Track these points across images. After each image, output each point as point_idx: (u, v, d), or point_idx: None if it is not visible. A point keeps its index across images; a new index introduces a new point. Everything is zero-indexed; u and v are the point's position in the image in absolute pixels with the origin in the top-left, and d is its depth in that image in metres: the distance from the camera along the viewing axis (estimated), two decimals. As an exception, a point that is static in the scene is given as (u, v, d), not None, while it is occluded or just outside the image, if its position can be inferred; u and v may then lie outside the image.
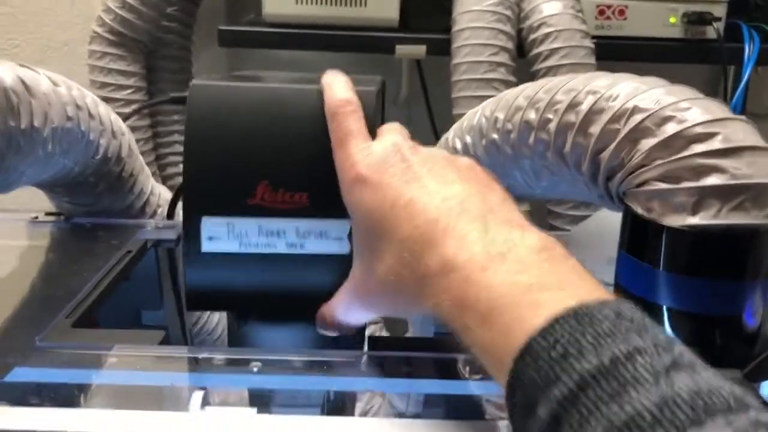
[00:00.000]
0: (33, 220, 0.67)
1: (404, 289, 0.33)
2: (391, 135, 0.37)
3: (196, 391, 0.37)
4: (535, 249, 0.29)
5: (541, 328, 0.26)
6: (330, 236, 0.37)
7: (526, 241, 0.30)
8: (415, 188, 0.33)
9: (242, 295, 0.38)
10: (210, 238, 0.37)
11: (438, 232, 0.31)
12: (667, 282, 0.43)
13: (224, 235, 0.37)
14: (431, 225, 0.32)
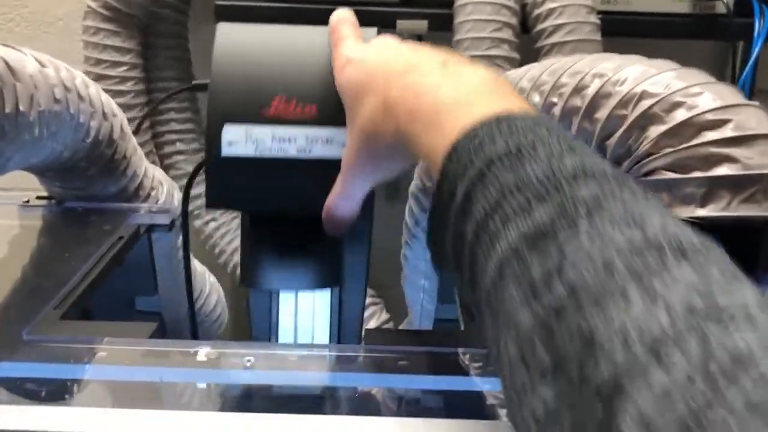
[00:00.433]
0: (24, 204, 0.65)
1: (379, 130, 0.36)
2: (383, 37, 0.42)
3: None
4: (485, 78, 0.33)
5: (467, 130, 0.29)
6: (335, 143, 0.41)
7: (478, 73, 0.34)
8: (390, 53, 0.38)
9: (255, 195, 0.43)
10: (229, 144, 0.41)
11: (404, 72, 0.36)
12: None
13: (242, 141, 0.41)
14: (400, 71, 0.36)
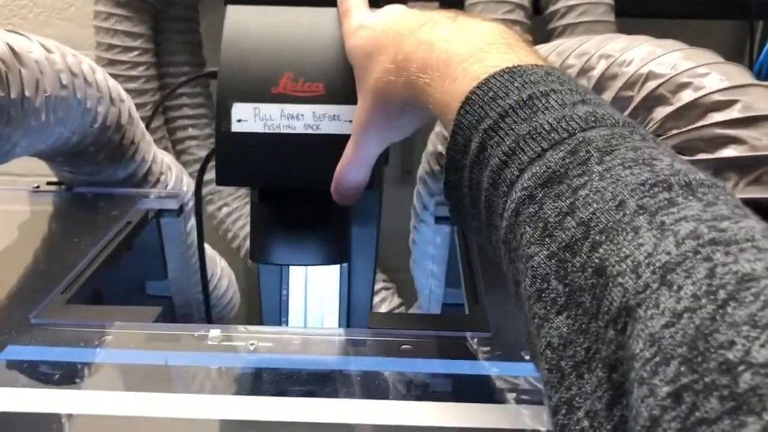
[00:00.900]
0: (34, 189, 0.66)
1: (391, 87, 0.36)
2: (392, 5, 0.42)
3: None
4: (497, 30, 0.33)
5: (480, 82, 0.30)
6: (341, 119, 0.42)
7: (489, 25, 0.34)
8: (402, 16, 0.39)
9: (265, 170, 0.44)
10: (239, 120, 0.42)
11: (415, 29, 0.36)
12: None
13: (251, 118, 0.42)
14: (410, 29, 0.36)
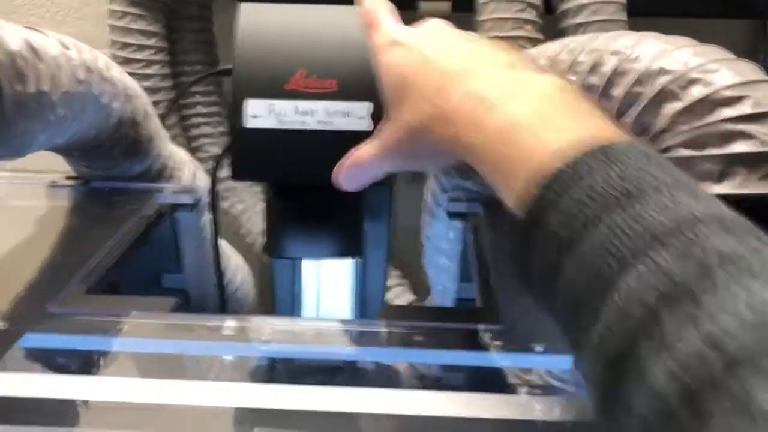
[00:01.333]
0: (52, 184, 0.67)
1: (430, 135, 0.34)
2: (432, 20, 0.40)
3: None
4: (557, 86, 0.31)
5: (566, 157, 0.26)
6: (353, 116, 0.43)
7: (549, 80, 0.31)
8: (446, 45, 0.36)
9: (279, 166, 0.44)
10: (253, 117, 0.43)
11: (465, 75, 0.33)
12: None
13: (265, 114, 0.43)
14: (459, 71, 0.33)
